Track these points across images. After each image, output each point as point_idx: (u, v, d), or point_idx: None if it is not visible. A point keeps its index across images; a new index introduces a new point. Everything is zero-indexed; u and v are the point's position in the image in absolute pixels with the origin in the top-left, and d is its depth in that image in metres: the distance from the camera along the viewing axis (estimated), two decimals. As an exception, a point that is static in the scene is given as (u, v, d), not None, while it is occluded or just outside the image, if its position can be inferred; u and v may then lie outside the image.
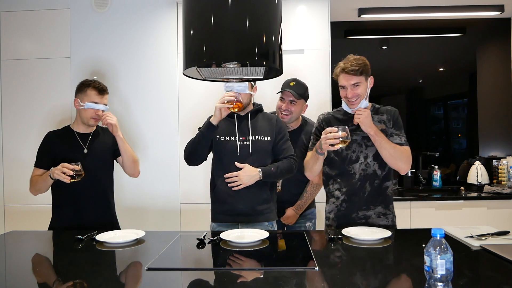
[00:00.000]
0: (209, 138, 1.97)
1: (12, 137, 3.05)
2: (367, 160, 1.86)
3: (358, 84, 1.83)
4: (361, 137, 1.87)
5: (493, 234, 1.60)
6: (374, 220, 1.86)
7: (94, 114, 2.03)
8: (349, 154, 1.88)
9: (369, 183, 1.86)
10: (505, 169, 3.35)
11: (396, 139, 1.85)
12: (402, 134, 1.87)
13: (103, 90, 2.07)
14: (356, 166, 1.87)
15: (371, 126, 1.78)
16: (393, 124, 1.88)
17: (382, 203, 1.88)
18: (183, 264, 1.43)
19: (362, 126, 1.79)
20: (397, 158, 1.79)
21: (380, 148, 1.80)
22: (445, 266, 0.97)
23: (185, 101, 3.02)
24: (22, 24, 3.05)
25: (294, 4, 3.02)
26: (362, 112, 1.79)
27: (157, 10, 3.03)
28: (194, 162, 2.04)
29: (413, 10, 3.31)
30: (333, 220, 1.92)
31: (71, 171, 1.84)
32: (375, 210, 1.87)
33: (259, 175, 1.92)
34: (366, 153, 1.87)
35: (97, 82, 2.07)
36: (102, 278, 1.24)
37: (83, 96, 2.03)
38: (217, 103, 1.90)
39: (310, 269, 1.25)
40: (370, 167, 1.86)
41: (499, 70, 3.68)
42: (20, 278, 1.28)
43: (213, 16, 1.31)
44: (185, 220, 3.01)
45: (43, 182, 1.96)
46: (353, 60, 1.82)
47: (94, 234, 1.70)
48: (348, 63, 1.82)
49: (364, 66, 1.82)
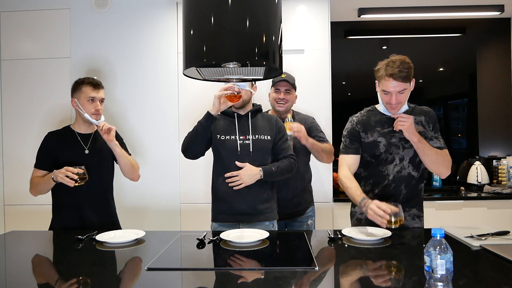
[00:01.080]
0: (207, 129, 1.94)
1: (12, 137, 3.05)
2: (403, 163, 1.81)
3: (405, 91, 1.74)
4: (399, 138, 1.81)
5: (493, 234, 1.60)
6: (408, 223, 1.81)
7: (94, 109, 2.02)
8: (386, 156, 1.83)
9: (405, 185, 1.82)
10: (505, 169, 3.35)
11: (436, 142, 1.79)
12: (440, 136, 1.82)
13: (98, 84, 2.05)
14: (390, 168, 1.82)
15: (414, 133, 1.71)
16: (432, 127, 1.82)
17: (417, 205, 1.85)
18: (183, 264, 1.43)
19: (406, 133, 1.72)
20: (439, 163, 1.74)
21: (423, 155, 1.74)
22: (445, 266, 0.97)
23: (185, 101, 3.02)
24: (22, 24, 3.05)
25: (294, 4, 3.02)
26: (405, 120, 1.70)
27: (157, 10, 3.03)
28: (190, 154, 2.02)
29: (413, 10, 3.31)
30: (366, 221, 1.81)
31: (75, 175, 1.83)
32: (409, 213, 1.82)
33: (260, 174, 1.92)
34: (402, 155, 1.81)
35: (90, 77, 2.06)
36: (102, 278, 1.24)
37: (80, 94, 2.02)
38: (216, 93, 1.89)
39: (310, 269, 1.25)
40: (405, 169, 1.81)
41: (499, 70, 3.68)
42: (20, 278, 1.28)
43: (213, 16, 1.31)
44: (185, 220, 3.01)
45: (45, 185, 1.95)
46: (400, 64, 1.68)
47: (94, 234, 1.70)
48: (395, 68, 1.67)
49: (410, 69, 1.71)
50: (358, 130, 1.88)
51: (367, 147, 1.86)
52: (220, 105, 1.89)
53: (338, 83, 3.38)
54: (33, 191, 2.01)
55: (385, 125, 1.84)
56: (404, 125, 1.70)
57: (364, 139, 1.87)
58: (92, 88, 2.02)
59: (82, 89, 2.02)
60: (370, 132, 1.86)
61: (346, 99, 3.83)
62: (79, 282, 1.18)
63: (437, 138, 1.81)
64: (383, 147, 1.82)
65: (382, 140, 1.83)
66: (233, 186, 1.93)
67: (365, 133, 1.87)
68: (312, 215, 2.45)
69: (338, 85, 3.30)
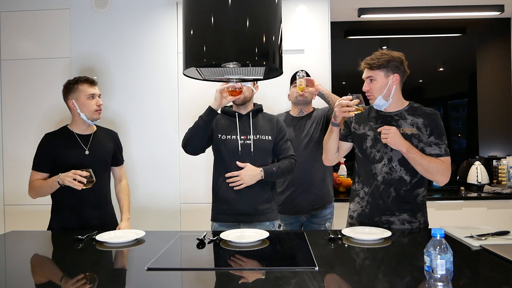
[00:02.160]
0: (208, 124, 1.92)
1: (12, 137, 3.05)
2: (392, 164, 1.77)
3: (373, 79, 1.76)
4: None
5: (493, 234, 1.60)
6: (397, 227, 1.77)
7: (96, 105, 2.00)
8: (373, 153, 1.81)
9: (394, 188, 1.77)
10: (505, 169, 3.35)
11: (435, 149, 1.72)
12: (442, 142, 1.73)
13: (94, 81, 2.04)
14: (378, 167, 1.79)
15: (401, 143, 1.67)
16: (432, 132, 1.73)
17: (409, 210, 1.77)
18: (183, 264, 1.43)
19: (392, 146, 1.69)
20: (433, 172, 1.68)
21: (415, 165, 1.69)
22: (445, 266, 0.97)
23: (185, 101, 3.02)
24: (22, 24, 3.05)
25: (294, 4, 3.02)
26: (387, 131, 1.68)
27: (157, 10, 3.03)
28: (191, 149, 1.99)
29: (413, 10, 3.31)
30: (356, 220, 1.86)
31: (84, 179, 1.80)
32: (399, 217, 1.77)
33: (260, 175, 1.92)
34: (390, 156, 1.77)
35: (82, 76, 2.04)
36: (102, 278, 1.24)
37: (78, 94, 1.98)
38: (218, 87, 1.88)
39: (310, 269, 1.25)
40: (396, 172, 1.76)
41: (499, 70, 3.68)
42: (20, 278, 1.28)
43: (213, 16, 1.31)
44: (185, 220, 3.01)
45: (49, 188, 1.90)
46: (379, 54, 1.76)
47: (94, 234, 1.69)
48: (369, 57, 1.77)
49: (386, 61, 1.74)
50: (352, 120, 1.91)
51: (357, 138, 1.88)
52: (222, 100, 1.87)
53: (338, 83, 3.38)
54: (33, 194, 1.97)
55: (378, 121, 1.84)
56: (387, 138, 1.68)
57: (356, 130, 1.88)
58: (89, 85, 2.00)
59: (79, 88, 1.99)
60: (363, 125, 1.87)
61: (346, 99, 3.82)
62: (79, 282, 1.18)
63: (437, 144, 1.72)
64: (370, 141, 1.82)
65: (370, 134, 1.83)
66: (234, 186, 1.93)
67: (358, 124, 1.89)
68: (331, 217, 2.51)
69: (338, 85, 3.30)
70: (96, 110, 2.01)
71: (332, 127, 1.85)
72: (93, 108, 2.00)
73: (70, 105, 2.02)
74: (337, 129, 1.85)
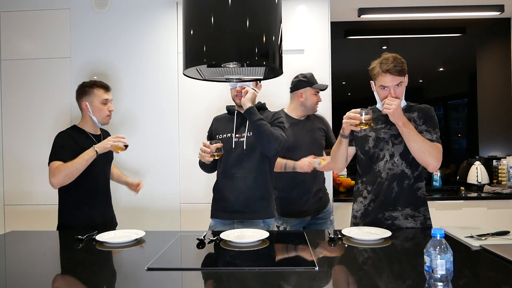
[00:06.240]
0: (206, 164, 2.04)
1: (12, 137, 3.05)
2: (394, 159, 1.80)
3: (401, 84, 1.78)
4: (389, 135, 1.81)
5: (493, 234, 1.60)
6: (401, 222, 1.79)
7: (108, 111, 2.07)
8: (376, 152, 1.83)
9: (397, 183, 1.80)
10: (505, 169, 3.35)
11: (427, 135, 1.75)
12: (434, 131, 1.78)
13: (108, 87, 2.11)
14: (381, 164, 1.82)
15: (400, 117, 1.69)
16: (424, 121, 1.80)
17: (412, 204, 1.81)
18: (183, 264, 1.43)
19: (391, 117, 1.71)
20: (425, 152, 1.69)
21: (408, 141, 1.71)
22: (445, 266, 0.97)
23: (185, 101, 3.02)
24: (22, 24, 3.05)
25: (294, 4, 3.02)
26: (391, 102, 1.70)
27: (157, 10, 3.03)
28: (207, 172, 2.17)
29: (413, 10, 3.31)
30: (360, 219, 1.87)
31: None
32: (402, 212, 1.80)
33: (247, 106, 1.92)
34: (392, 151, 1.80)
35: (98, 80, 2.09)
36: (102, 278, 1.24)
37: (93, 98, 2.03)
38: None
39: (310, 269, 1.25)
40: (398, 166, 1.79)
41: (499, 70, 3.68)
42: (20, 278, 1.28)
43: (213, 16, 1.31)
44: (185, 220, 3.01)
45: (84, 161, 1.87)
46: (394, 59, 1.76)
47: (94, 234, 1.70)
48: (390, 64, 1.74)
49: (403, 64, 1.77)
50: None
51: (359, 141, 1.89)
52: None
53: (338, 83, 3.39)
54: (62, 176, 1.87)
55: (379, 121, 1.85)
56: (390, 108, 1.70)
57: (358, 133, 1.89)
58: (104, 91, 2.07)
59: (94, 92, 2.04)
60: None
61: (346, 99, 3.83)
62: (79, 282, 1.18)
63: (428, 131, 1.77)
64: (372, 142, 1.84)
65: (372, 135, 1.84)
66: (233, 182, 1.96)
67: None
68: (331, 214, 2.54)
69: (338, 85, 3.30)
70: (107, 115, 2.07)
71: (341, 138, 1.84)
72: (105, 114, 2.06)
73: (83, 107, 2.06)
74: (346, 141, 1.84)
